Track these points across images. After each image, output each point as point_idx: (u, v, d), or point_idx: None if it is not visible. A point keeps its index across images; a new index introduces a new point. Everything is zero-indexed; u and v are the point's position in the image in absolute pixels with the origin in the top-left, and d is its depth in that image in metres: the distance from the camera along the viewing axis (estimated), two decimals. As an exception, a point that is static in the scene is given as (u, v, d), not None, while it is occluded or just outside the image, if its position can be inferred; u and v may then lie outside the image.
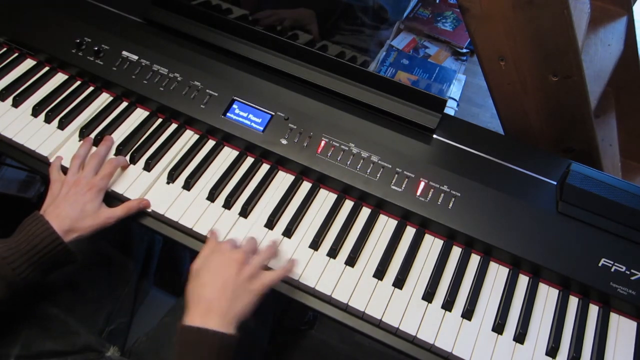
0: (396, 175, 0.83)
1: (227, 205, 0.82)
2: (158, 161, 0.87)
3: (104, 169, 0.80)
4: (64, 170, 0.82)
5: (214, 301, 0.64)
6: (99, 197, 0.78)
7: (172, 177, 0.84)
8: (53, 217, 0.72)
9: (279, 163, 0.88)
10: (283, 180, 0.86)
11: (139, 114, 0.93)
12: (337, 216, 0.83)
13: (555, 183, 0.84)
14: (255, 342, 0.89)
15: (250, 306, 0.66)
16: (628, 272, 0.75)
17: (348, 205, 0.84)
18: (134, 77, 0.93)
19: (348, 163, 0.84)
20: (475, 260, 0.80)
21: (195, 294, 0.66)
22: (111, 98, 0.94)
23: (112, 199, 0.83)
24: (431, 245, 0.81)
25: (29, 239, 0.69)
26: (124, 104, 0.94)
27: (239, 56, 0.97)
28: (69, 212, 0.73)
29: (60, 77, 0.97)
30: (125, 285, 0.93)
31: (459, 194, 0.82)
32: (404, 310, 0.74)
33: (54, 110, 0.91)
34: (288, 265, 0.73)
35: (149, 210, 0.81)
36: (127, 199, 0.82)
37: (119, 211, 0.78)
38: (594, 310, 0.77)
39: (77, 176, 0.79)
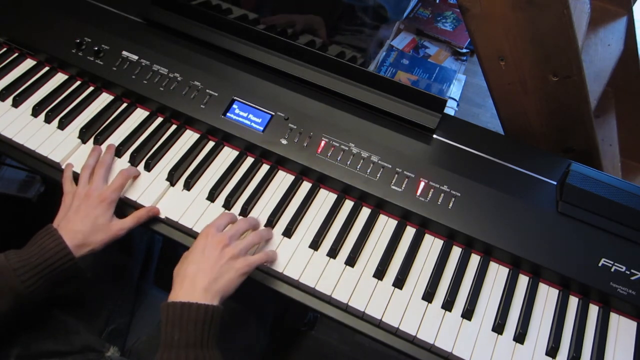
0: (396, 175, 0.83)
1: (227, 205, 0.82)
2: (158, 161, 0.87)
3: (116, 181, 0.79)
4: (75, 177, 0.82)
5: (197, 278, 0.66)
6: (110, 210, 0.77)
7: (172, 177, 0.84)
8: (66, 231, 0.72)
9: (279, 163, 0.88)
10: (283, 180, 0.86)
11: (139, 114, 0.93)
12: (337, 216, 0.83)
13: (555, 183, 0.84)
14: (256, 342, 0.89)
15: (233, 283, 0.69)
16: (628, 272, 0.75)
17: (348, 205, 0.84)
18: (134, 77, 0.93)
19: (348, 163, 0.84)
20: (475, 260, 0.80)
21: (179, 274, 0.68)
22: (111, 98, 0.94)
23: (112, 199, 0.83)
24: (431, 245, 0.81)
25: (40, 252, 0.69)
26: (124, 104, 0.94)
27: (239, 56, 0.97)
28: (81, 226, 0.73)
29: (60, 77, 0.97)
30: (125, 285, 0.93)
31: (459, 194, 0.82)
32: (404, 310, 0.74)
33: (54, 110, 0.91)
34: (271, 252, 0.75)
35: (162, 217, 0.81)
36: (127, 199, 0.82)
37: (129, 222, 0.78)
38: (594, 310, 0.77)
39: (87, 188, 0.78)
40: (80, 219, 0.74)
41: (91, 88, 0.96)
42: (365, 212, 0.83)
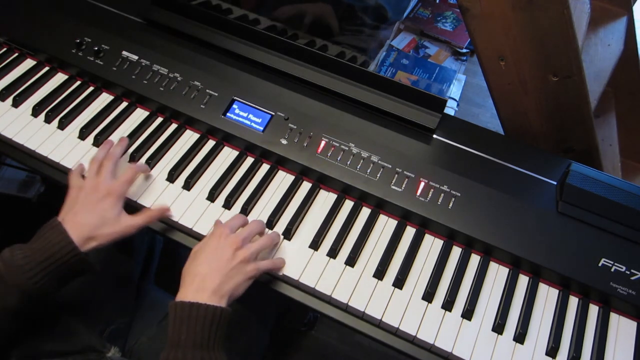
0: (396, 175, 0.83)
1: (227, 205, 0.82)
2: (158, 161, 0.87)
3: (125, 174, 0.77)
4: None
5: (206, 278, 0.66)
6: (119, 204, 0.75)
7: (172, 177, 0.84)
8: (71, 225, 0.70)
9: (279, 163, 0.88)
10: (283, 180, 0.86)
11: (139, 114, 0.93)
12: (337, 216, 0.83)
13: (555, 183, 0.84)
14: (256, 342, 0.89)
15: (242, 286, 0.69)
16: (628, 272, 0.75)
17: (348, 205, 0.84)
18: (134, 77, 0.93)
19: (348, 163, 0.84)
20: (475, 260, 0.80)
21: (190, 272, 0.68)
22: (111, 98, 0.94)
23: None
24: (431, 245, 0.81)
25: (45, 247, 0.67)
26: (124, 104, 0.94)
27: (239, 56, 0.97)
28: (88, 219, 0.71)
29: (60, 77, 0.97)
30: (125, 286, 0.93)
31: (459, 194, 0.82)
32: (404, 310, 0.74)
33: (54, 110, 0.91)
34: (279, 260, 0.75)
35: (174, 219, 0.80)
36: (126, 199, 0.82)
37: (140, 220, 0.75)
38: (594, 310, 0.77)
39: (95, 181, 0.76)
40: (87, 212, 0.72)
41: (91, 88, 0.96)
42: (365, 212, 0.83)
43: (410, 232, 0.82)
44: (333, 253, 0.78)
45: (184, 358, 0.61)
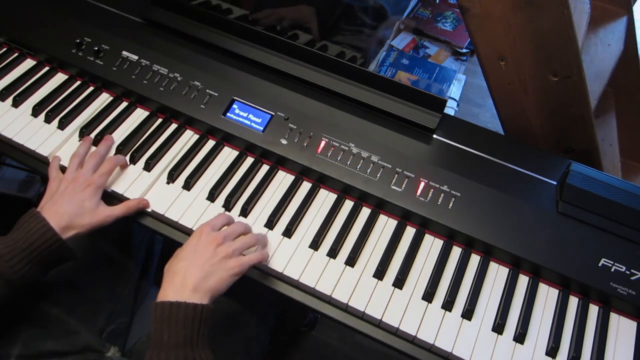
0: (396, 175, 0.83)
1: (227, 205, 0.82)
2: (158, 161, 0.87)
3: (103, 166, 0.80)
4: (63, 170, 0.82)
5: (187, 276, 0.65)
6: (97, 195, 0.77)
7: (172, 177, 0.84)
8: (50, 213, 0.72)
9: (279, 163, 0.88)
10: (283, 180, 0.86)
11: (139, 114, 0.93)
12: (337, 216, 0.83)
13: (555, 183, 0.84)
14: (256, 342, 0.89)
15: (225, 282, 0.67)
16: (628, 272, 0.75)
17: (348, 205, 0.84)
18: (134, 77, 0.93)
19: (348, 163, 0.84)
20: (475, 260, 0.80)
21: (170, 270, 0.67)
22: (111, 98, 0.94)
23: (111, 198, 0.83)
24: (431, 245, 0.81)
25: (26, 236, 0.69)
26: (124, 104, 0.94)
27: (239, 56, 0.97)
28: (67, 208, 0.73)
29: (60, 77, 0.97)
30: (125, 285, 0.93)
31: (459, 194, 0.82)
32: (404, 310, 0.74)
33: (54, 110, 0.91)
34: (265, 251, 0.75)
35: (149, 210, 0.81)
36: (127, 199, 0.82)
37: (118, 210, 0.78)
38: (594, 310, 0.77)
39: (75, 174, 0.78)
40: (65, 201, 0.74)
41: (91, 88, 0.96)
42: (365, 212, 0.83)
43: (410, 232, 0.82)
44: (333, 253, 0.78)
45: (167, 358, 0.60)
